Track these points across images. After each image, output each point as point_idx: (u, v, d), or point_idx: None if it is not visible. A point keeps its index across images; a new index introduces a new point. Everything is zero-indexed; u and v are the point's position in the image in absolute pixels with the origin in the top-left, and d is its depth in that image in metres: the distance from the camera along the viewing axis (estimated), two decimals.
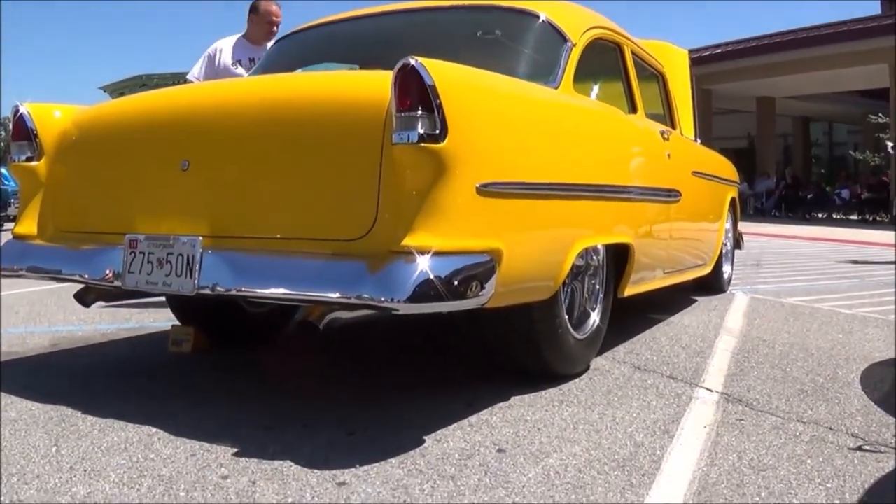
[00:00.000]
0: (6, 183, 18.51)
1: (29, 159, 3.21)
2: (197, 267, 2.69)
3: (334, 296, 2.45)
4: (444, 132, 2.40)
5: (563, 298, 3.19)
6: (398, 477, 2.26)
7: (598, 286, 3.55)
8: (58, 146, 3.24)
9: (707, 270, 5.31)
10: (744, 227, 7.30)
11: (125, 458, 2.40)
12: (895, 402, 3.02)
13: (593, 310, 3.50)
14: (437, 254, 2.39)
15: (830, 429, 2.72)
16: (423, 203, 2.42)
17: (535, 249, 2.87)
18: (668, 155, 4.21)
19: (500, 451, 2.49)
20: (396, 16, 3.93)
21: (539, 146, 2.93)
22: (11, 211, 17.64)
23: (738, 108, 26.67)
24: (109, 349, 4.02)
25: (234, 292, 2.63)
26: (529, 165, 2.83)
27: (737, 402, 3.04)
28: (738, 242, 6.41)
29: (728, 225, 5.95)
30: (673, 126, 4.79)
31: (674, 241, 4.38)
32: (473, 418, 2.81)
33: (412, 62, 2.40)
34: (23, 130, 3.21)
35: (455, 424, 2.74)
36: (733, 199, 6.01)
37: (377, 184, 2.50)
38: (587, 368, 3.47)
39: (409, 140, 2.38)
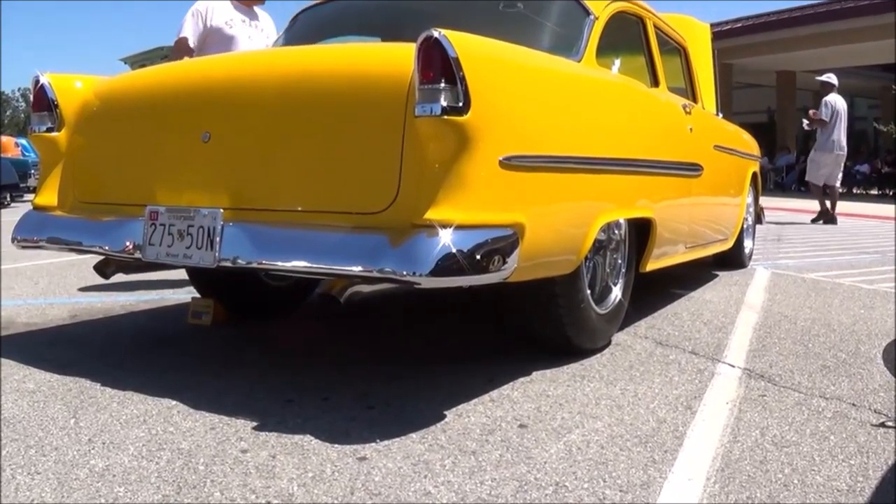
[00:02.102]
0: (27, 154, 18.57)
1: (49, 130, 3.20)
2: (218, 239, 2.67)
3: (356, 269, 2.43)
4: (467, 105, 2.36)
5: (585, 273, 3.16)
6: (419, 452, 2.25)
7: (619, 261, 3.51)
8: (78, 117, 3.22)
9: (728, 245, 5.26)
10: (764, 201, 7.22)
11: (144, 430, 2.40)
12: None
13: (615, 284, 3.47)
14: (459, 227, 2.36)
15: (853, 405, 2.69)
16: (445, 176, 2.39)
17: (558, 223, 2.84)
18: (690, 129, 4.14)
19: (521, 426, 2.47)
20: None
21: (562, 119, 2.89)
22: (32, 182, 17.74)
23: (758, 82, 26.35)
24: (129, 321, 4.03)
25: (255, 265, 2.61)
26: (552, 138, 2.79)
27: (759, 377, 3.01)
28: (759, 217, 6.34)
29: (749, 199, 5.88)
30: (695, 100, 4.72)
31: (695, 216, 4.33)
32: (494, 393, 2.80)
33: (435, 34, 2.35)
34: (43, 101, 3.19)
35: (476, 399, 2.72)
36: (755, 174, 5.94)
37: (399, 157, 2.46)
38: (609, 343, 3.45)
39: (431, 112, 2.34)
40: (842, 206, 12.03)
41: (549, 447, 2.30)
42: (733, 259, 5.68)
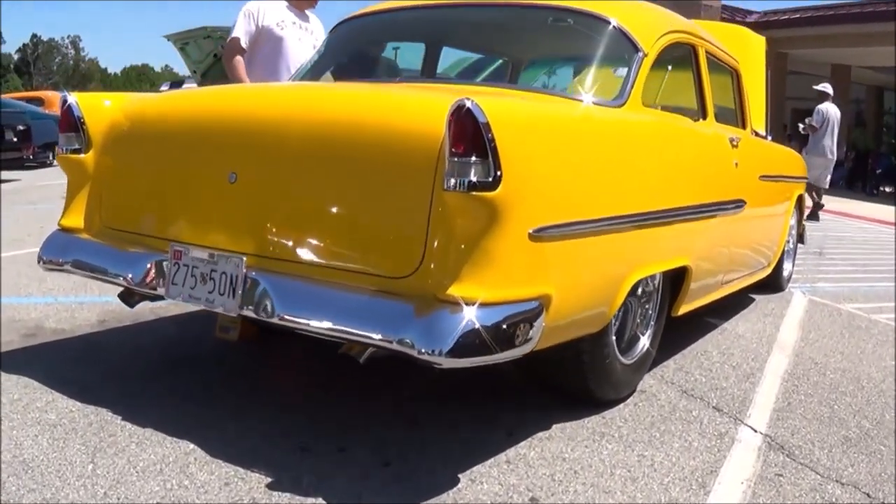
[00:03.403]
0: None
1: (76, 151, 3.16)
2: (240, 289, 2.67)
3: (375, 336, 2.40)
4: (498, 179, 2.30)
5: (613, 328, 3.11)
6: None
7: (651, 311, 3.45)
8: (106, 137, 3.18)
9: (767, 272, 5.15)
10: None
11: (159, 483, 2.43)
12: None
13: (643, 334, 3.42)
14: (483, 304, 2.33)
15: (868, 495, 2.63)
16: (471, 252, 2.34)
17: (587, 287, 2.79)
18: (736, 164, 4.03)
19: (532, 500, 2.46)
20: (456, 9, 3.78)
21: (597, 180, 2.81)
22: None
23: (812, 72, 25.62)
24: (156, 329, 4.05)
25: (276, 320, 2.60)
26: (585, 202, 2.72)
27: (779, 449, 2.95)
28: (801, 237, 6.19)
29: (793, 221, 5.74)
30: (744, 125, 4.59)
31: (734, 252, 4.23)
32: (511, 452, 2.78)
33: (468, 103, 2.28)
34: (70, 121, 3.16)
35: (492, 460, 2.71)
36: (800, 197, 5.78)
37: (426, 223, 2.42)
38: (634, 391, 3.41)
39: (460, 188, 2.29)
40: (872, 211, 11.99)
41: None
42: (771, 282, 5.55)
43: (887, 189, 20.51)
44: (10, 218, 7.64)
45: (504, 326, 2.37)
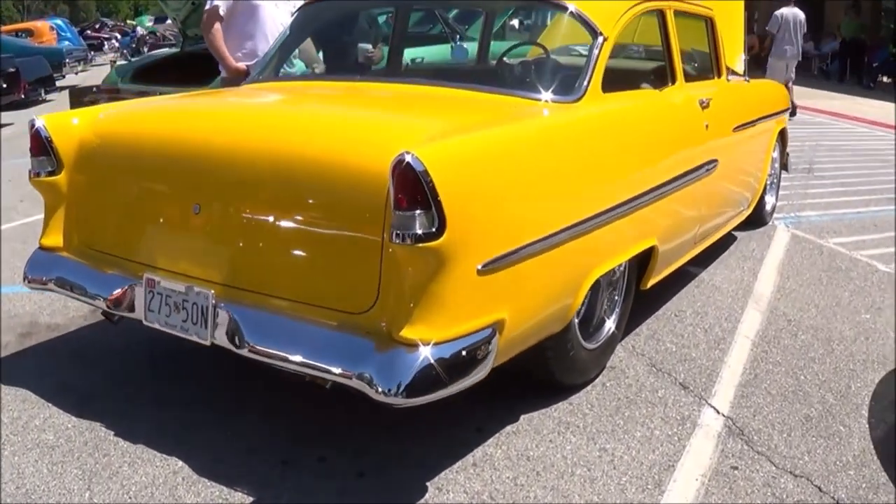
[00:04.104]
0: (63, 33, 18.35)
1: (50, 174, 3.22)
2: (211, 319, 2.79)
3: (335, 371, 2.53)
4: (442, 228, 2.37)
5: (576, 322, 3.22)
6: None
7: (616, 297, 3.55)
8: (77, 156, 3.23)
9: (746, 214, 5.19)
10: (805, 94, 6.85)
11: None
12: (893, 443, 3.07)
13: (609, 317, 3.53)
14: (436, 343, 2.45)
15: (819, 489, 2.78)
16: (422, 295, 2.44)
17: (542, 300, 2.89)
18: (707, 126, 4.03)
19: None
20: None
21: (548, 195, 2.86)
22: (67, 71, 17.66)
23: None
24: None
25: (246, 352, 2.72)
26: (535, 222, 2.78)
27: (738, 435, 3.10)
28: (785, 166, 6.17)
29: (775, 154, 5.74)
30: (719, 73, 4.56)
31: (707, 210, 4.28)
32: (479, 452, 2.95)
33: (408, 158, 2.33)
34: (40, 144, 3.21)
35: (460, 463, 2.88)
36: (782, 131, 5.74)
37: (379, 264, 2.51)
38: (603, 369, 3.55)
39: (405, 241, 2.37)
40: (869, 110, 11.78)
41: None
42: (753, 217, 5.58)
43: (885, 79, 19.61)
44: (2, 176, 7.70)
45: (458, 360, 2.50)
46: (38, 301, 4.36)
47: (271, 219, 2.76)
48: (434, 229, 2.37)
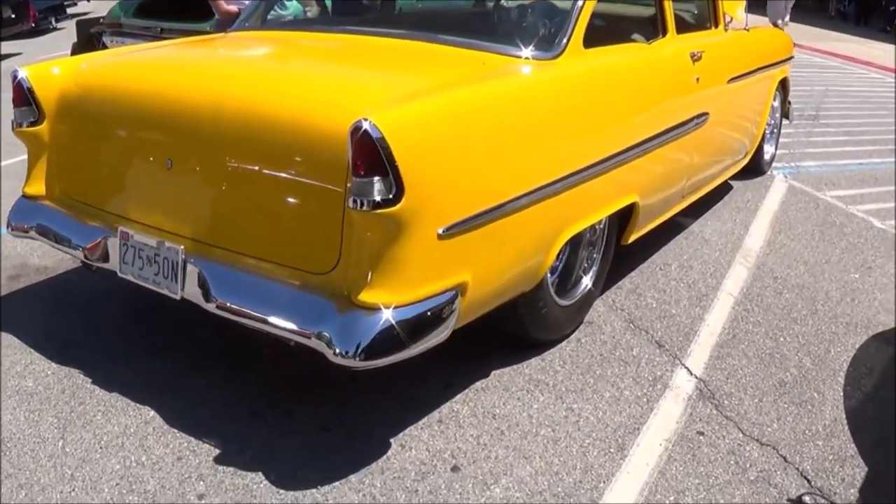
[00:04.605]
0: None
1: (32, 124, 3.22)
2: (181, 274, 2.81)
3: (293, 328, 2.55)
4: (400, 193, 2.36)
5: (549, 279, 3.22)
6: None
7: (595, 254, 3.53)
8: (59, 105, 3.22)
9: (743, 164, 5.12)
10: (819, 36, 6.69)
11: (120, 459, 2.69)
12: (865, 413, 3.07)
13: (586, 274, 3.52)
14: (397, 307, 2.46)
15: (785, 459, 2.79)
16: (381, 260, 2.44)
17: (509, 261, 2.87)
18: (697, 79, 3.94)
19: (454, 469, 2.68)
20: None
21: (516, 156, 2.82)
22: None
23: None
24: None
25: (213, 306, 2.74)
26: (505, 183, 2.75)
27: (708, 398, 3.11)
28: (787, 115, 6.03)
29: (776, 103, 5.61)
30: (716, 23, 4.44)
31: (697, 164, 4.22)
32: (445, 409, 2.99)
33: (365, 125, 2.31)
34: (22, 95, 3.20)
35: (425, 419, 2.92)
36: (783, 80, 5.60)
37: (340, 226, 2.51)
38: (579, 325, 3.56)
39: (363, 207, 2.35)
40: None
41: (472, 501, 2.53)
42: (751, 167, 5.50)
43: None
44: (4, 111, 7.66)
45: (417, 323, 2.51)
46: (29, 242, 4.40)
47: (238, 176, 2.75)
48: (391, 196, 2.35)
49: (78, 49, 8.16)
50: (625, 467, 2.72)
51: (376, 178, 2.34)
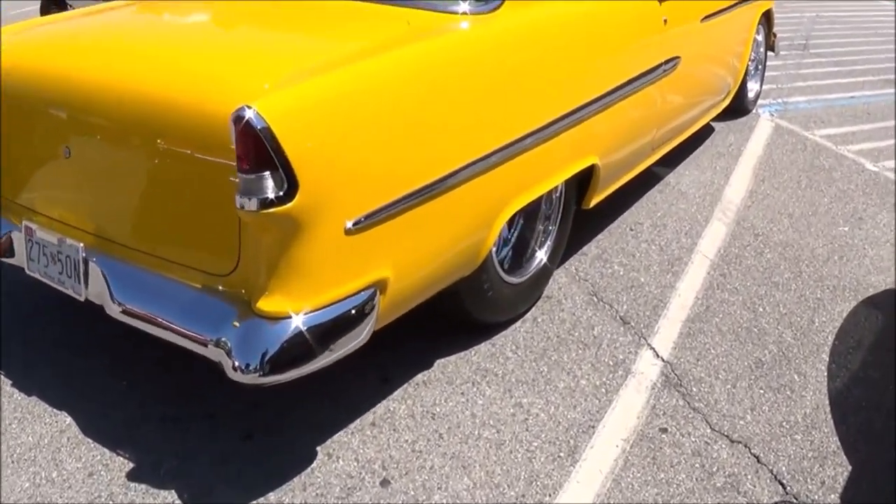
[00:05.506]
0: None
1: None
2: (82, 273, 2.48)
3: (193, 335, 2.23)
4: (293, 189, 1.99)
5: (495, 259, 2.88)
6: None
7: (551, 226, 3.17)
8: None
9: (724, 105, 4.71)
10: None
11: (30, 475, 2.40)
12: (850, 398, 2.76)
13: (541, 248, 3.16)
14: (303, 313, 2.12)
15: (757, 459, 2.47)
16: (278, 265, 2.08)
17: (438, 249, 2.50)
18: (665, 21, 3.52)
19: (383, 483, 2.38)
20: None
21: (445, 130, 2.43)
22: None
23: None
24: None
25: (116, 308, 2.40)
26: (427, 163, 2.36)
27: (676, 385, 2.79)
28: (772, 48, 5.59)
29: (760, 37, 5.16)
30: None
31: (667, 113, 3.81)
32: (381, 408, 2.68)
33: (247, 114, 1.93)
34: None
35: (357, 422, 2.61)
36: (766, 12, 5.14)
37: (237, 224, 2.15)
38: (535, 303, 3.22)
39: (249, 208, 1.99)
40: None
41: None
42: (734, 107, 5.10)
43: None
44: None
45: (327, 330, 2.17)
46: None
47: (134, 167, 2.38)
48: (283, 192, 1.99)
49: (45, 9, 7.73)
50: (575, 475, 2.41)
51: (264, 174, 1.97)
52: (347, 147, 2.14)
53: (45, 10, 7.25)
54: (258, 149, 1.96)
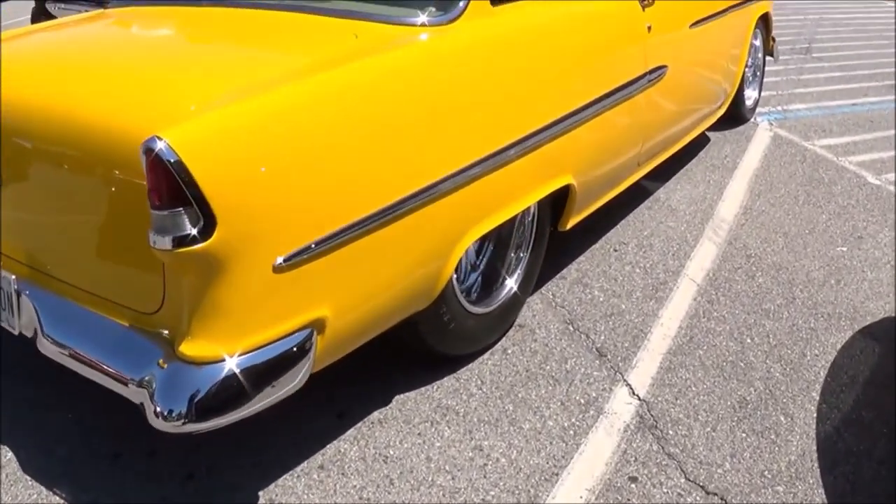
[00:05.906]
0: None
1: None
2: (16, 307, 2.30)
3: (116, 374, 2.04)
4: (210, 226, 1.80)
5: (457, 289, 2.68)
6: None
7: (522, 254, 2.97)
8: None
9: (719, 114, 4.48)
10: None
11: None
12: (838, 444, 2.53)
13: (511, 275, 2.95)
14: (225, 359, 1.92)
15: None
16: (200, 306, 1.90)
17: (386, 282, 2.30)
18: (649, 28, 3.31)
19: None
20: None
21: (392, 155, 2.21)
22: None
23: None
24: None
25: (48, 342, 2.22)
26: (371, 190, 2.15)
27: (651, 427, 2.57)
28: (771, 52, 5.35)
29: (757, 42, 4.93)
30: None
31: (654, 126, 3.59)
32: (331, 449, 2.48)
33: (158, 146, 1.75)
34: None
35: (305, 464, 2.42)
36: (764, 15, 4.90)
37: (161, 262, 1.96)
38: (506, 332, 3.02)
39: (164, 246, 1.81)
40: None
41: None
42: (731, 115, 4.86)
43: None
44: None
45: (254, 376, 1.97)
46: None
47: (64, 197, 2.21)
48: (199, 230, 1.81)
49: (36, 17, 7.61)
50: None
51: (178, 210, 1.79)
52: (276, 177, 1.94)
53: (35, 19, 7.15)
54: (170, 183, 1.77)
